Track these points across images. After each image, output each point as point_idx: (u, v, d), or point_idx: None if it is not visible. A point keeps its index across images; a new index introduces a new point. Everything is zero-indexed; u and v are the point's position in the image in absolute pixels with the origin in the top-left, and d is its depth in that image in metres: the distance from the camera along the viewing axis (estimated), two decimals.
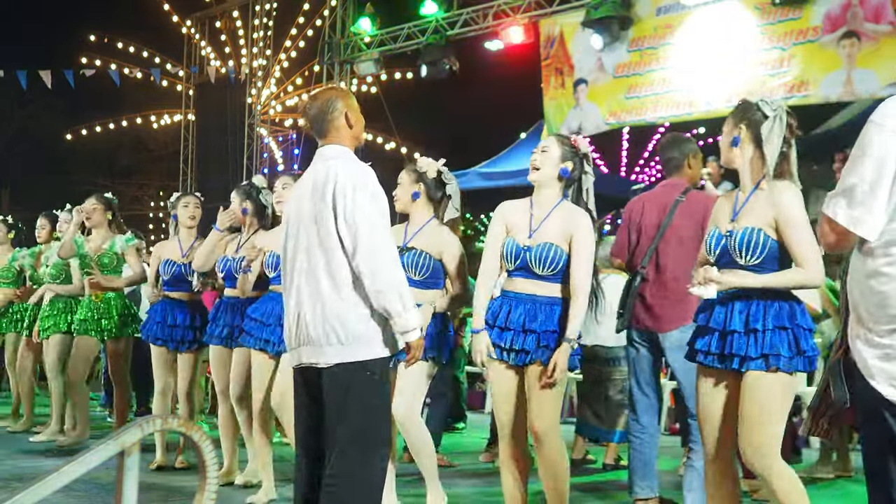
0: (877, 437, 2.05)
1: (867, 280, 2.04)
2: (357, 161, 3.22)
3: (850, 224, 2.04)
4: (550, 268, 3.70)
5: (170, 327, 5.55)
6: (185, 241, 5.66)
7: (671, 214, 4.45)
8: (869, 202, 1.99)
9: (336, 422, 3.03)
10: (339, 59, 13.57)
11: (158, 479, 5.22)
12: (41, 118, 21.59)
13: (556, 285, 3.74)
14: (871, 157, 2.00)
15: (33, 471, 5.17)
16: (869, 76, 8.41)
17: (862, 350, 2.05)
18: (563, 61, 10.93)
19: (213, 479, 2.40)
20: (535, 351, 3.68)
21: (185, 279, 5.58)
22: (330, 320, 3.03)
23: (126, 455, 2.21)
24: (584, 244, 3.71)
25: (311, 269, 3.10)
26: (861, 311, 2.07)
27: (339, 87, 3.41)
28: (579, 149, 3.86)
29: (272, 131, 17.37)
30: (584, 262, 3.71)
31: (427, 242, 4.22)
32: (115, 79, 14.25)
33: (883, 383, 1.99)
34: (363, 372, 3.03)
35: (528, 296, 3.74)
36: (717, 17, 9.59)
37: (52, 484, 2.08)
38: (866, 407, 2.08)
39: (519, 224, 3.82)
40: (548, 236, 3.72)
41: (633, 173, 18.73)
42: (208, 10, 17.20)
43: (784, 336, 3.16)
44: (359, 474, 3.00)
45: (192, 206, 5.69)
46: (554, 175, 3.81)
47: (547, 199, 3.82)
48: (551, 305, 3.72)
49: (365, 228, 3.01)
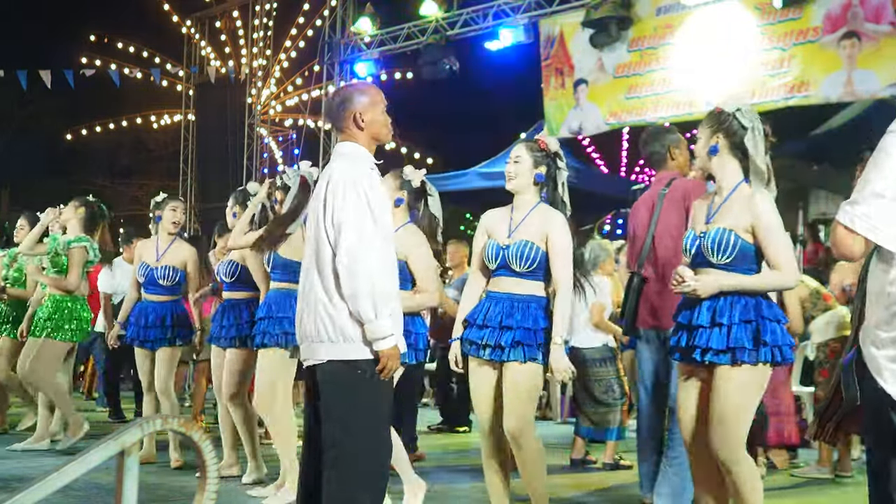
0: (881, 436, 2.07)
1: (885, 286, 2.06)
2: (361, 160, 3.17)
3: (867, 232, 2.04)
4: (528, 265, 3.82)
5: (144, 328, 5.66)
6: (162, 244, 5.72)
7: (658, 208, 4.45)
8: (886, 209, 2.00)
9: (326, 418, 3.05)
10: (339, 59, 13.57)
11: (158, 479, 5.23)
12: (41, 118, 21.58)
13: (537, 283, 3.86)
14: (889, 167, 2.00)
15: (33, 471, 5.17)
16: (869, 76, 8.42)
17: (872, 351, 2.08)
18: (563, 61, 10.93)
19: (213, 479, 2.40)
20: (511, 348, 3.75)
21: (156, 283, 5.71)
22: (322, 317, 3.04)
23: (126, 455, 2.21)
24: (558, 240, 3.83)
25: (309, 266, 3.13)
26: (876, 314, 2.09)
27: (365, 84, 3.35)
28: (549, 150, 3.96)
29: (272, 131, 17.38)
30: (560, 257, 3.83)
31: (397, 245, 4.22)
32: (115, 79, 14.24)
33: (891, 382, 2.02)
34: (354, 370, 3.02)
35: (507, 294, 3.85)
36: (717, 17, 9.60)
37: (52, 484, 2.08)
38: (873, 406, 2.10)
39: (499, 227, 3.98)
40: (525, 235, 3.86)
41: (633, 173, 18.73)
42: (208, 10, 17.20)
43: (748, 329, 3.28)
44: (351, 472, 2.98)
45: (178, 211, 5.76)
46: (529, 181, 3.94)
47: (525, 203, 3.96)
48: (529, 303, 3.82)
49: (347, 229, 3.00)
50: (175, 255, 5.72)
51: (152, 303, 5.72)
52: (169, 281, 5.70)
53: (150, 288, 5.74)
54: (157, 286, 5.71)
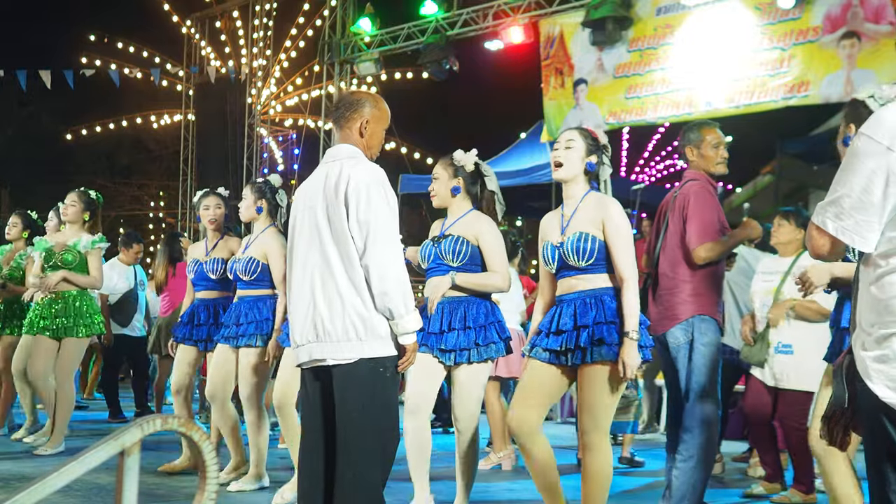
0: (875, 439, 2.08)
1: (869, 287, 2.10)
2: (369, 162, 3.23)
3: (837, 233, 2.07)
4: (587, 258, 3.62)
5: (196, 327, 5.47)
6: (210, 240, 5.62)
7: (668, 211, 4.41)
8: (857, 213, 2.03)
9: (344, 416, 3.05)
10: (339, 59, 13.58)
11: (158, 479, 5.22)
12: (41, 118, 21.60)
13: (602, 275, 3.65)
14: (860, 170, 2.03)
15: (33, 471, 5.17)
16: (869, 76, 8.41)
17: (861, 353, 2.09)
18: (563, 61, 10.93)
19: (213, 479, 2.39)
20: (593, 347, 3.55)
21: (208, 277, 5.49)
22: (350, 316, 3.04)
23: (126, 455, 2.21)
24: (618, 229, 3.62)
25: (326, 266, 3.10)
26: (863, 317, 2.11)
27: (378, 99, 3.36)
28: (600, 141, 3.84)
29: (272, 131, 17.38)
30: (622, 247, 3.61)
31: (464, 230, 4.14)
32: (115, 79, 14.25)
33: (879, 384, 2.03)
34: (377, 367, 3.06)
35: (575, 294, 3.66)
36: (717, 17, 9.60)
37: (52, 484, 2.08)
38: (866, 411, 2.11)
39: (552, 227, 3.81)
40: (579, 227, 3.67)
41: (633, 173, 18.73)
42: (208, 10, 17.22)
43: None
44: (369, 469, 3.04)
45: (212, 207, 5.58)
46: (580, 170, 3.76)
47: (574, 195, 3.77)
48: (598, 297, 3.62)
49: (376, 229, 3.03)
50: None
51: (203, 300, 5.51)
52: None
53: (201, 284, 5.54)
54: (209, 280, 5.50)
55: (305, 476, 3.21)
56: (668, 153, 19.06)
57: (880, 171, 1.99)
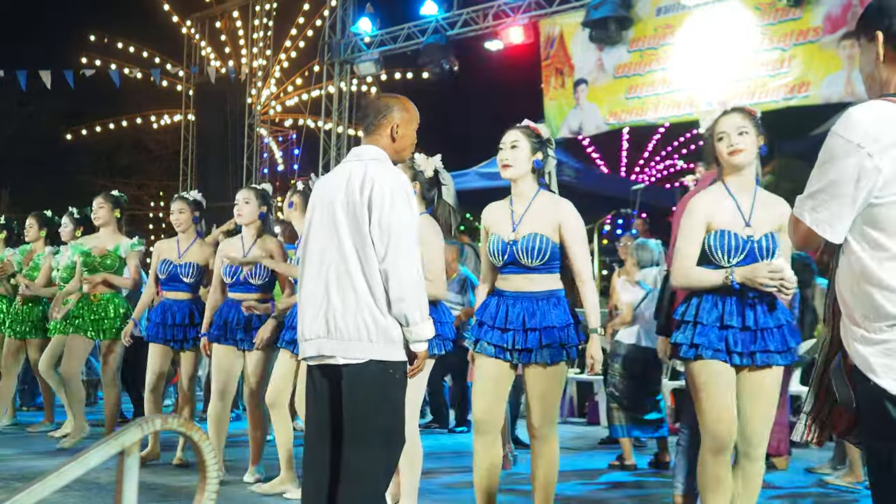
0: (882, 430, 2.07)
1: (859, 281, 2.11)
2: (394, 167, 3.24)
3: (813, 224, 2.15)
4: (540, 258, 3.70)
5: (169, 327, 5.59)
6: (182, 242, 5.70)
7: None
8: (831, 206, 2.11)
9: (351, 415, 3.06)
10: (339, 59, 13.58)
11: (158, 479, 5.22)
12: (41, 118, 21.57)
13: (551, 276, 3.76)
14: (833, 166, 2.11)
15: (33, 471, 5.16)
16: None
17: (860, 349, 2.09)
18: (563, 61, 10.94)
19: (213, 479, 2.39)
20: (539, 350, 3.66)
21: (180, 279, 5.64)
22: (363, 315, 3.04)
23: (126, 455, 2.21)
24: (575, 232, 3.75)
25: (343, 264, 3.09)
26: (854, 311, 2.11)
27: (405, 101, 3.37)
28: (542, 136, 3.89)
29: (272, 131, 17.38)
30: (580, 249, 3.75)
31: None
32: (115, 79, 14.24)
33: (885, 377, 2.03)
34: (387, 370, 3.07)
35: (524, 293, 3.74)
36: (717, 17, 9.60)
37: (52, 484, 2.08)
38: (868, 403, 2.10)
39: (500, 221, 3.85)
40: (532, 227, 3.74)
41: (633, 173, 18.72)
42: (208, 11, 17.21)
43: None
44: (375, 469, 3.06)
45: (176, 212, 5.74)
46: (528, 169, 3.83)
47: (524, 192, 3.85)
48: (548, 300, 3.71)
49: (398, 234, 3.04)
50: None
51: (176, 300, 5.71)
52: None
53: (173, 285, 5.71)
54: (180, 282, 5.67)
55: (311, 467, 3.21)
56: (668, 153, 19.07)
57: (851, 167, 2.07)
